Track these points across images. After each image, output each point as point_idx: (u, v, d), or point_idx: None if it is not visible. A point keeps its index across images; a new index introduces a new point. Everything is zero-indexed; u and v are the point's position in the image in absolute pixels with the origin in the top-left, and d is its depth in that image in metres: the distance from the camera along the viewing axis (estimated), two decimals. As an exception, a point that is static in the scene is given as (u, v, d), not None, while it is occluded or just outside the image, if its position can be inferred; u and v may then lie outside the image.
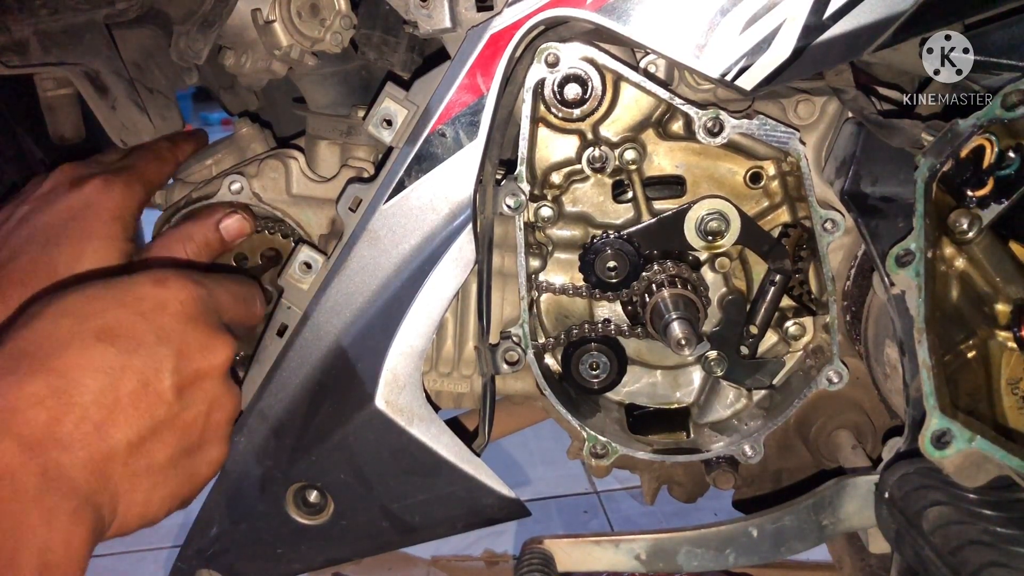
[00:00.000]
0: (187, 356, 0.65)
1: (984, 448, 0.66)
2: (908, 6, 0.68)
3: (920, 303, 0.69)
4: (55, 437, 0.57)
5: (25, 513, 0.54)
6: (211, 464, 0.70)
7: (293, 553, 0.85)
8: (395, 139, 0.76)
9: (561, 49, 0.74)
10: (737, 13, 0.69)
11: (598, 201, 0.85)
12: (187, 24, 0.85)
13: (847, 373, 0.81)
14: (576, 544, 0.79)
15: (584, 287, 0.83)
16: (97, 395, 0.59)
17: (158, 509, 0.64)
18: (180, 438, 0.65)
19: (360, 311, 0.77)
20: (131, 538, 1.88)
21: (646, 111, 0.81)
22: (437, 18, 0.73)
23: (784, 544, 0.77)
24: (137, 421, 0.61)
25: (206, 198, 0.90)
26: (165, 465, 0.64)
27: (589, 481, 2.22)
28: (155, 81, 0.92)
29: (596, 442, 0.83)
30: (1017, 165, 0.68)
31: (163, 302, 0.65)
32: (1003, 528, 0.63)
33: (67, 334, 0.60)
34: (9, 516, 0.53)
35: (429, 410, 0.79)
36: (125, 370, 0.61)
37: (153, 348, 0.63)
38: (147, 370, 0.62)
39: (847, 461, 0.88)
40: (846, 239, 0.82)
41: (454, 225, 0.75)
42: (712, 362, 0.85)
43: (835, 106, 0.82)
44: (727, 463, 0.88)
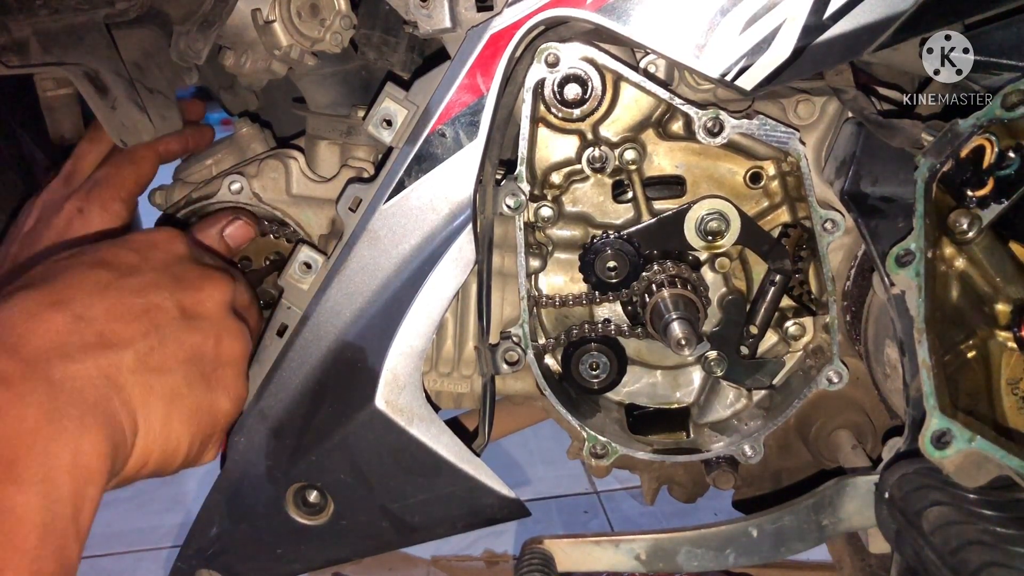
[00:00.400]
0: (185, 285, 0.65)
1: (984, 448, 0.66)
2: (908, 6, 0.68)
3: (920, 303, 0.69)
4: (57, 347, 0.55)
5: (25, 420, 0.52)
6: (231, 399, 0.68)
7: (293, 553, 0.85)
8: (395, 139, 0.76)
9: (561, 49, 0.74)
10: (737, 13, 0.69)
11: (598, 201, 0.85)
12: (187, 24, 0.85)
13: (847, 373, 0.81)
14: (576, 544, 0.79)
15: (583, 296, 0.83)
16: (96, 308, 0.58)
17: (180, 435, 0.62)
18: (190, 357, 0.64)
19: (360, 311, 0.77)
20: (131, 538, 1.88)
21: (646, 111, 0.81)
22: (437, 18, 0.73)
23: (784, 544, 0.77)
24: (140, 331, 0.60)
25: (206, 198, 0.90)
26: (179, 385, 0.62)
27: (589, 481, 2.22)
28: (155, 81, 0.92)
29: (596, 442, 0.83)
30: (1017, 165, 0.68)
31: (154, 242, 0.66)
32: (1003, 528, 0.63)
33: (63, 266, 0.60)
34: (13, 429, 0.51)
35: (429, 410, 0.79)
36: (123, 288, 0.61)
37: (149, 274, 0.63)
38: (146, 288, 0.62)
39: (847, 461, 0.88)
40: (846, 239, 0.82)
41: (454, 225, 0.75)
42: (712, 362, 0.85)
43: (835, 106, 0.82)
44: (727, 463, 0.88)
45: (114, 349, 0.58)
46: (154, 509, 2.15)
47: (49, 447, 0.52)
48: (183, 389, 0.63)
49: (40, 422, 0.52)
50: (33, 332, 0.55)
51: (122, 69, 0.87)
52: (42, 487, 0.51)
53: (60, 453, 0.52)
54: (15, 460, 0.51)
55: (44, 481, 0.51)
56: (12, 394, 0.52)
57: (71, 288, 0.59)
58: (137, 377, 0.59)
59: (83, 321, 0.57)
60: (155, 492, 2.25)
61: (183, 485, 2.29)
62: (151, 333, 0.61)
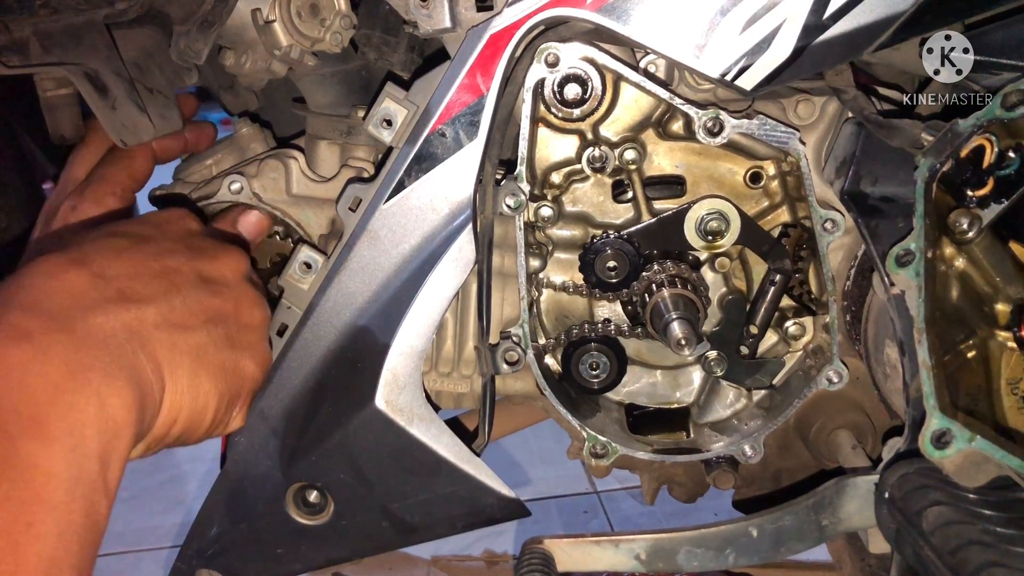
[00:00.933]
0: (201, 254, 0.66)
1: (984, 448, 0.66)
2: (908, 6, 0.68)
3: (920, 303, 0.69)
4: (78, 303, 0.55)
5: (48, 374, 0.50)
6: (256, 362, 0.68)
7: (293, 553, 0.85)
8: (395, 139, 0.76)
9: (561, 49, 0.74)
10: (737, 13, 0.69)
11: (598, 201, 0.85)
12: (187, 24, 0.85)
13: (847, 373, 0.81)
14: (576, 544, 0.79)
15: (584, 286, 0.83)
16: (116, 267, 0.59)
17: (208, 392, 0.62)
18: (212, 318, 0.64)
19: (360, 311, 0.77)
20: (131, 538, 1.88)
21: (646, 111, 0.81)
22: (437, 18, 0.73)
23: (784, 544, 0.77)
24: (161, 289, 0.60)
25: (206, 198, 0.90)
26: (204, 342, 0.62)
27: (589, 481, 2.22)
28: (155, 81, 0.92)
29: (596, 442, 0.83)
30: (1017, 165, 0.68)
31: (168, 218, 0.68)
32: (1003, 528, 0.63)
33: (80, 236, 0.62)
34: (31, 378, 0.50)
35: (429, 410, 0.79)
36: (141, 251, 0.61)
37: (165, 242, 0.64)
38: (163, 254, 0.62)
39: (847, 461, 0.88)
40: (846, 239, 0.82)
41: (454, 225, 0.75)
42: (712, 362, 0.85)
43: (835, 106, 0.82)
44: (727, 463, 0.88)
45: (137, 304, 0.58)
46: (154, 509, 2.15)
47: (74, 400, 0.51)
48: (208, 347, 0.63)
49: (64, 376, 0.51)
50: (54, 289, 0.55)
51: (122, 69, 0.87)
52: (68, 441, 0.50)
53: (85, 407, 0.51)
54: (39, 415, 0.49)
55: (70, 435, 0.50)
56: (34, 349, 0.51)
57: (90, 250, 0.59)
58: (161, 332, 0.59)
59: (103, 279, 0.57)
60: (155, 492, 2.25)
61: (183, 485, 2.29)
62: (172, 292, 0.61)
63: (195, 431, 0.63)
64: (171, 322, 0.60)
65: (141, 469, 2.38)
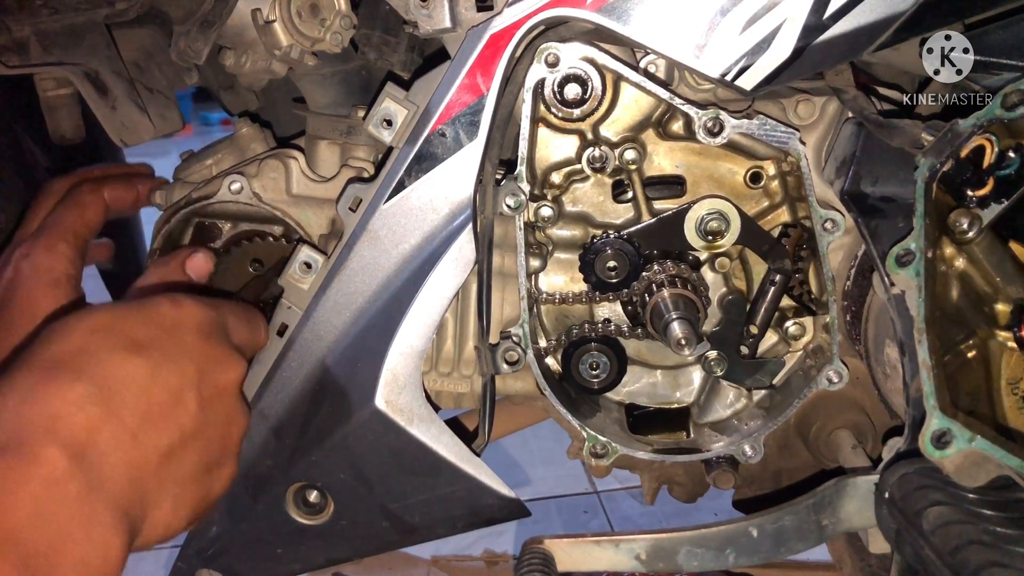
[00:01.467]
0: (207, 372, 0.66)
1: (984, 448, 0.66)
2: (908, 6, 0.68)
3: (920, 303, 0.69)
4: (96, 445, 0.57)
5: (68, 523, 0.53)
6: (224, 481, 0.70)
7: (293, 553, 0.85)
8: (395, 139, 0.76)
9: (561, 49, 0.74)
10: (737, 13, 0.69)
11: (598, 201, 0.85)
12: (187, 24, 0.85)
13: (847, 373, 0.81)
14: (576, 544, 0.79)
15: (584, 294, 0.83)
16: (132, 405, 0.60)
17: (179, 523, 0.65)
18: (203, 451, 0.66)
19: (360, 311, 0.77)
20: (131, 538, 1.84)
21: (646, 111, 0.81)
22: (437, 18, 0.73)
23: (784, 544, 0.77)
24: (168, 431, 0.62)
25: (206, 198, 0.90)
26: (189, 478, 0.65)
27: (589, 481, 2.22)
28: (155, 81, 0.92)
29: (596, 442, 0.83)
30: (1017, 165, 0.68)
31: (181, 321, 0.67)
32: (1003, 528, 0.63)
33: (100, 347, 0.61)
34: (54, 525, 0.53)
35: (429, 410, 0.79)
36: (156, 381, 0.62)
37: (179, 361, 0.64)
38: (175, 382, 0.63)
39: (847, 461, 0.88)
40: (846, 239, 0.82)
41: (454, 225, 0.75)
42: (712, 362, 0.85)
43: (835, 106, 0.82)
44: (727, 463, 0.88)
45: (142, 450, 0.60)
46: (154, 509, 2.16)
47: (84, 554, 0.54)
48: (191, 486, 0.65)
49: (77, 522, 0.54)
50: (74, 424, 0.57)
51: (122, 69, 0.87)
52: None
53: (94, 560, 0.54)
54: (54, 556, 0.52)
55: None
56: (59, 499, 0.54)
57: (110, 380, 0.60)
58: (158, 478, 0.61)
59: (118, 419, 0.59)
60: (155, 492, 2.25)
61: (183, 485, 2.29)
62: (175, 433, 0.63)
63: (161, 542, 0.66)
64: (167, 466, 0.62)
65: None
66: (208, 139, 1.06)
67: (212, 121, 6.10)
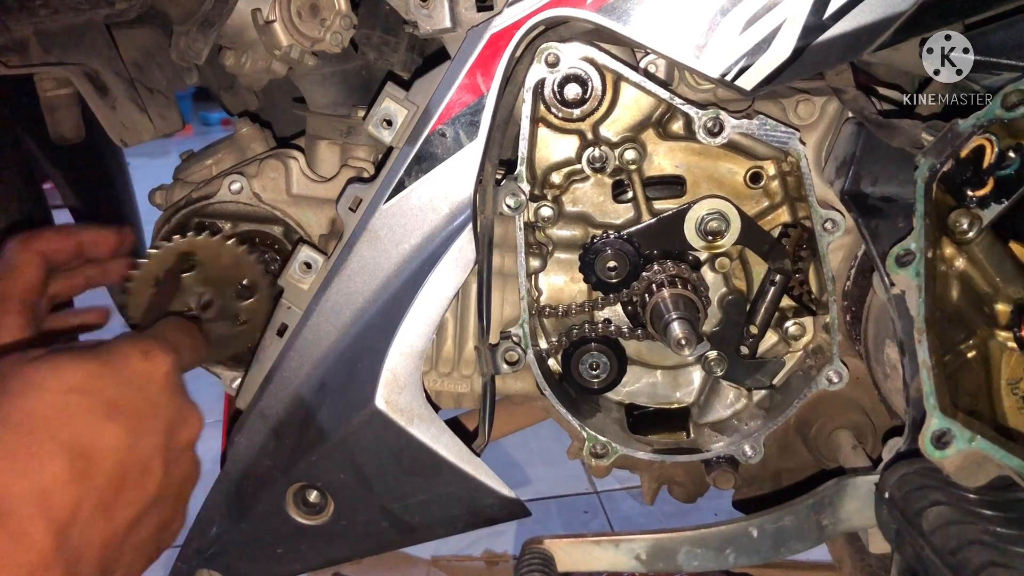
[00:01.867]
0: (173, 432, 0.66)
1: (984, 448, 0.66)
2: (908, 6, 0.68)
3: (920, 303, 0.69)
4: (76, 523, 0.57)
5: None
6: (174, 535, 0.71)
7: (293, 553, 0.85)
8: (395, 139, 0.76)
9: (561, 49, 0.74)
10: (737, 13, 0.69)
11: (598, 201, 0.85)
12: (187, 24, 0.85)
13: (847, 373, 0.81)
14: (576, 544, 0.79)
15: (585, 304, 0.83)
16: (108, 477, 0.60)
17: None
18: (161, 513, 0.67)
19: (360, 311, 0.77)
20: (131, 538, 1.81)
21: (646, 111, 0.81)
22: (437, 18, 0.73)
23: (784, 544, 0.77)
24: (137, 502, 0.63)
25: (206, 198, 0.90)
26: (147, 541, 0.65)
27: (589, 481, 2.22)
28: (155, 81, 0.92)
29: (596, 442, 0.83)
30: (1017, 165, 0.68)
31: (151, 376, 0.66)
32: (1003, 528, 0.63)
33: (77, 410, 0.61)
34: None
35: (429, 410, 0.79)
36: (132, 450, 0.62)
37: (151, 424, 0.64)
38: (146, 449, 0.64)
39: (847, 461, 0.88)
40: (846, 239, 0.82)
41: (454, 225, 0.75)
42: (712, 362, 0.85)
43: (835, 106, 0.82)
44: (727, 463, 0.88)
45: (114, 524, 0.61)
46: (154, 509, 2.16)
47: None
48: (146, 548, 0.66)
49: None
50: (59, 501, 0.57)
51: (122, 69, 0.87)
52: None
53: None
54: None
55: None
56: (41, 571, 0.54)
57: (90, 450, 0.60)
58: (120, 550, 0.62)
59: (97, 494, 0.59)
60: (155, 492, 2.26)
61: (183, 485, 2.29)
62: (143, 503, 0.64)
63: None
64: (132, 534, 0.63)
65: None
66: (208, 139, 1.07)
67: (212, 121, 6.10)
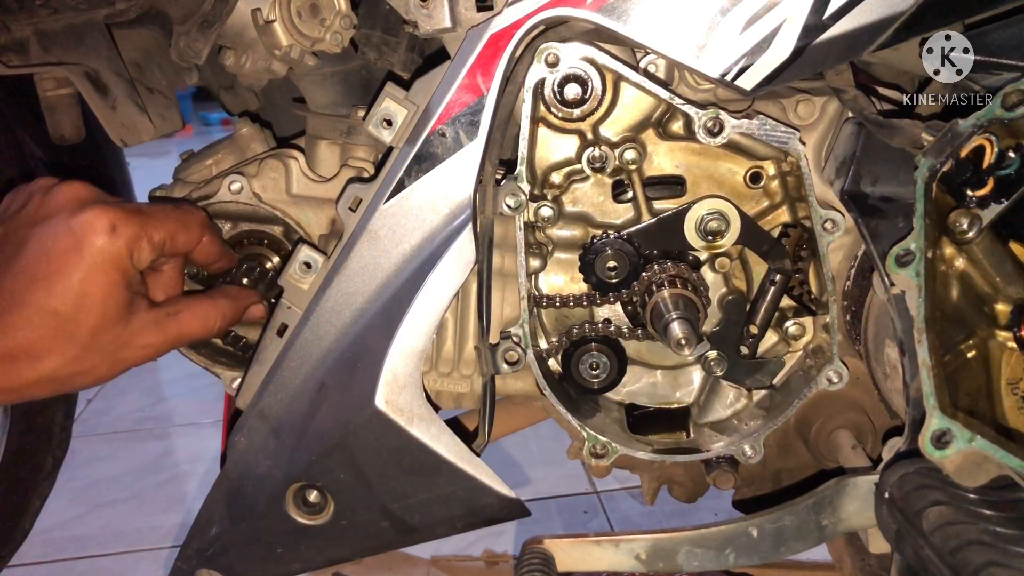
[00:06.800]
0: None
1: (984, 448, 0.66)
2: (908, 6, 0.68)
3: (920, 303, 0.69)
4: None
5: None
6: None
7: (293, 553, 0.85)
8: (395, 139, 0.76)
9: (561, 49, 0.74)
10: (737, 13, 0.69)
11: (598, 201, 0.85)
12: (187, 24, 0.85)
13: (847, 373, 0.81)
14: (576, 544, 0.79)
15: (584, 297, 0.83)
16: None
17: None
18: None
19: (360, 311, 0.77)
20: (131, 538, 1.86)
21: (646, 111, 0.81)
22: (437, 18, 0.73)
23: (784, 544, 0.77)
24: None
25: (206, 198, 0.90)
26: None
27: (589, 481, 2.22)
28: (155, 81, 0.93)
29: (596, 442, 0.83)
30: (1017, 165, 0.68)
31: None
32: (1003, 528, 0.63)
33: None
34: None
35: (429, 410, 0.79)
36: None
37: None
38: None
39: (847, 461, 0.87)
40: (846, 239, 0.82)
41: (454, 225, 0.75)
42: (712, 362, 0.85)
43: (835, 106, 0.82)
44: (727, 463, 0.88)
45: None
46: (154, 509, 2.15)
47: None
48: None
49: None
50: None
51: (122, 69, 0.87)
52: None
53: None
54: None
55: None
56: None
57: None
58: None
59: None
60: (155, 492, 2.25)
61: (183, 485, 2.29)
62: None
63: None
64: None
65: (140, 469, 2.37)
66: (208, 139, 1.07)
67: (212, 121, 6.10)
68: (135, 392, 2.78)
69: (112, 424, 2.62)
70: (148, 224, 0.72)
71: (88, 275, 0.69)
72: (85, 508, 2.18)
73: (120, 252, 0.70)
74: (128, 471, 2.36)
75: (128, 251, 0.71)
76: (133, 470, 2.36)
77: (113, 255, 0.70)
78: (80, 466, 2.30)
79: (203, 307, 0.79)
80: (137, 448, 2.49)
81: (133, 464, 2.39)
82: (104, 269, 0.69)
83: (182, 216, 0.76)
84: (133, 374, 0.78)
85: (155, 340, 0.74)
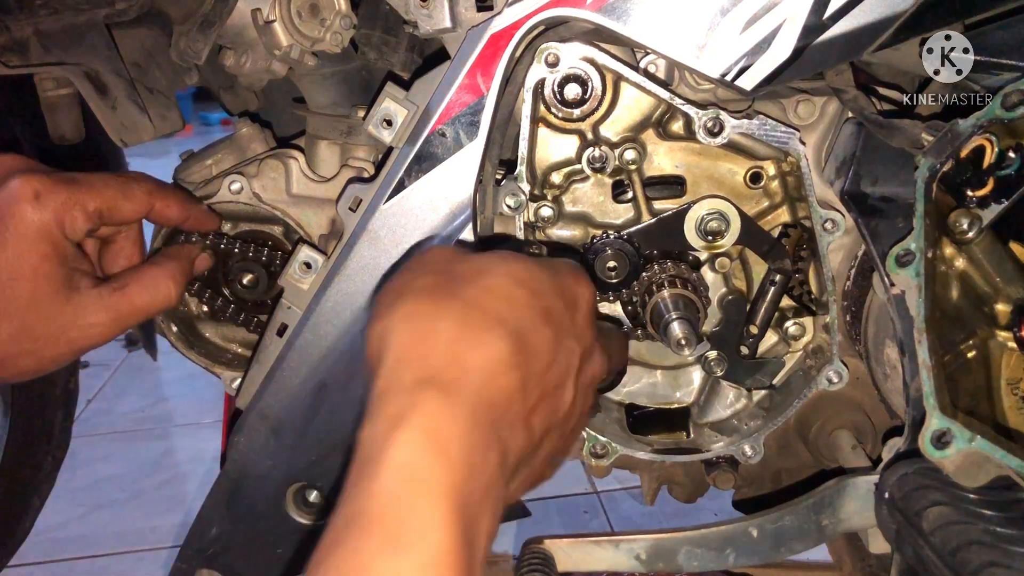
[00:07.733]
0: (585, 361, 0.60)
1: (984, 448, 0.66)
2: (908, 6, 0.68)
3: (920, 303, 0.69)
4: (505, 417, 0.51)
5: (489, 488, 0.47)
6: (557, 466, 0.64)
7: (293, 553, 0.85)
8: (395, 139, 0.76)
9: (561, 49, 0.74)
10: (737, 13, 0.69)
11: (598, 201, 0.85)
12: (187, 24, 0.86)
13: (847, 373, 0.81)
14: (576, 544, 0.79)
15: None
16: (538, 377, 0.54)
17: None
18: (557, 443, 0.60)
19: (360, 311, 0.77)
20: (131, 538, 1.86)
21: (646, 111, 0.81)
22: (437, 18, 0.73)
23: (784, 544, 0.77)
24: (549, 416, 0.56)
25: (206, 198, 0.90)
26: (543, 461, 0.60)
27: (589, 481, 2.22)
28: (155, 81, 0.92)
29: (596, 442, 0.83)
30: (1017, 165, 0.68)
31: (579, 299, 0.60)
32: (1003, 528, 0.63)
33: (521, 303, 0.54)
34: (483, 482, 0.47)
35: (429, 410, 0.79)
36: (555, 361, 0.56)
37: (573, 345, 0.58)
38: (566, 367, 0.57)
39: (847, 461, 0.87)
40: (846, 239, 0.82)
41: (454, 225, 0.75)
42: (712, 362, 0.85)
43: (835, 106, 0.82)
44: (727, 463, 0.88)
45: (532, 434, 0.54)
46: (154, 509, 2.15)
47: (493, 523, 0.48)
48: (538, 472, 0.61)
49: (494, 488, 0.48)
50: (497, 386, 0.50)
51: (122, 69, 0.87)
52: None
53: (495, 526, 0.48)
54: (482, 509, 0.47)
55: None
56: (484, 450, 0.48)
57: (527, 346, 0.53)
58: (529, 460, 0.56)
59: (524, 393, 0.52)
60: (155, 492, 2.25)
61: (183, 485, 2.29)
62: (551, 422, 0.56)
63: None
64: (541, 442, 0.56)
65: (141, 469, 2.37)
66: (208, 139, 1.07)
67: (212, 121, 6.10)
68: (135, 392, 2.79)
69: (112, 424, 2.62)
70: (78, 192, 0.68)
71: (15, 246, 0.64)
72: (85, 508, 2.18)
73: (46, 221, 0.65)
74: (128, 471, 2.36)
75: (57, 220, 0.66)
76: (133, 470, 2.36)
77: (39, 225, 0.65)
78: (80, 466, 2.30)
79: (149, 275, 0.74)
80: (137, 448, 2.49)
81: (133, 464, 2.40)
82: (29, 239, 0.65)
83: (123, 184, 0.72)
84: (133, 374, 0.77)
85: (103, 318, 0.69)
